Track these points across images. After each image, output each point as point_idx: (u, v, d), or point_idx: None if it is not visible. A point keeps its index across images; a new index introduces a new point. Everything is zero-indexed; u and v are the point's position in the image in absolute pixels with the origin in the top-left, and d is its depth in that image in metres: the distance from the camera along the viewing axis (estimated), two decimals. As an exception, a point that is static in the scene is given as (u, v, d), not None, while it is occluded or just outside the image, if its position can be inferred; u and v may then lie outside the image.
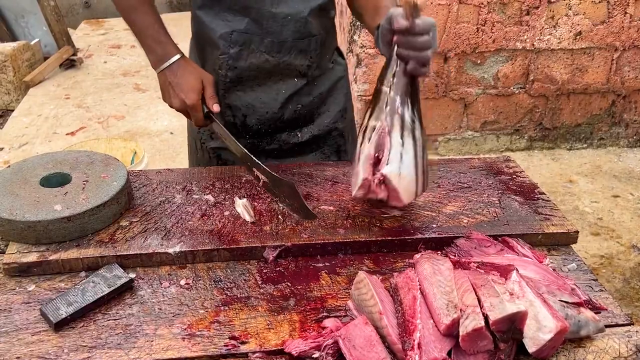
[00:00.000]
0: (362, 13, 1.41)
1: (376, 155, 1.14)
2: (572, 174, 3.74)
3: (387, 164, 1.13)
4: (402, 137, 1.13)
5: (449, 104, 3.72)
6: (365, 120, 1.17)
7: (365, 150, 1.15)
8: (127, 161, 2.76)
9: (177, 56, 1.36)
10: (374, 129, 1.14)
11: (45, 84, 4.84)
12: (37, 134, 3.96)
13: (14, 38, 5.44)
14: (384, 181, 1.14)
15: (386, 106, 1.14)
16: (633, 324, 1.02)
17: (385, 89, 1.15)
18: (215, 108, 1.35)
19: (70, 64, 5.16)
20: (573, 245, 1.24)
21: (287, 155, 1.56)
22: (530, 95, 3.78)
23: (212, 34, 1.42)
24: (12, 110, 4.44)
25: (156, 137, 3.98)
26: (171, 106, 1.38)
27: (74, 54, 5.26)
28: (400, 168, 1.13)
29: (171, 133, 4.03)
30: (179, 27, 6.32)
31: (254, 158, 1.28)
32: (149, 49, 1.37)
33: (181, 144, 3.90)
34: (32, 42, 5.13)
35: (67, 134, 3.95)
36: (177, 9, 7.29)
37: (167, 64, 1.35)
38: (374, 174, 1.14)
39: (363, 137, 1.17)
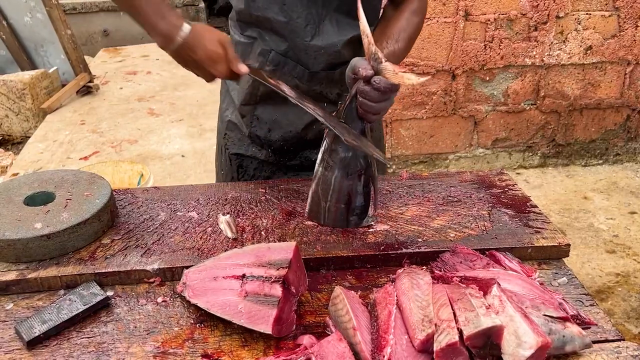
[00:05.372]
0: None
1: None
2: (587, 191, 3.65)
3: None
4: None
5: (459, 121, 3.68)
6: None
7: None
8: (134, 183, 2.78)
9: (187, 28, 1.17)
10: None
11: (61, 111, 4.93)
12: (51, 159, 4.02)
13: (34, 67, 5.57)
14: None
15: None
16: (624, 340, 0.98)
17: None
18: (243, 69, 1.22)
19: (86, 90, 5.25)
20: (587, 262, 1.20)
21: (307, 170, 1.54)
22: (542, 112, 3.73)
23: (254, 47, 1.42)
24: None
25: (167, 160, 4.01)
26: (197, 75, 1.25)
27: (91, 81, 5.36)
28: None
29: (182, 156, 4.05)
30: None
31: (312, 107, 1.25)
32: (153, 28, 1.17)
33: (192, 166, 3.91)
34: (50, 70, 5.24)
35: (80, 159, 4.00)
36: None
37: (178, 40, 1.17)
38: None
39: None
